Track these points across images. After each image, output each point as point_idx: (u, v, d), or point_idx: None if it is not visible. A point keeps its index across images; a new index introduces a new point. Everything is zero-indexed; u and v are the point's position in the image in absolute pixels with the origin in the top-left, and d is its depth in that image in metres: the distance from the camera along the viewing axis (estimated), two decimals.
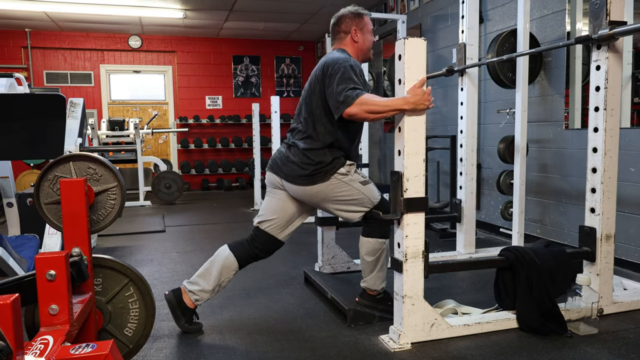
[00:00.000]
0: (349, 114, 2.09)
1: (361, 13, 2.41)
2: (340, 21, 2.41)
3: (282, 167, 2.32)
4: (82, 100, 3.87)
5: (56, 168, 1.68)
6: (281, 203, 2.36)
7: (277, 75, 9.15)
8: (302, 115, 2.34)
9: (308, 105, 2.31)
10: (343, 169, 2.26)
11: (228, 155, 8.97)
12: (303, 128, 2.31)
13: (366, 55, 2.45)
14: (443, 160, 5.00)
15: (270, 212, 2.37)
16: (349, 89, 2.10)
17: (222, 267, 2.31)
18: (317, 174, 2.23)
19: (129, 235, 4.68)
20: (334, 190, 2.26)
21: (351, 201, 2.28)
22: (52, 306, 1.31)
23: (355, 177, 2.29)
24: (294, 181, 2.27)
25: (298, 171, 2.25)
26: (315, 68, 2.35)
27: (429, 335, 2.14)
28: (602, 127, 2.32)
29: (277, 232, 2.36)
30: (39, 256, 1.29)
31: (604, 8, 2.25)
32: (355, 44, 2.39)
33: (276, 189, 2.39)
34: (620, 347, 2.07)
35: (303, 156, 2.25)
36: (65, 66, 8.14)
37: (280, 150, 2.39)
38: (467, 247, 3.55)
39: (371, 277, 2.41)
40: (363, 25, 2.40)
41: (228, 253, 2.34)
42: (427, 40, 5.44)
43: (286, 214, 2.36)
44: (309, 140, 2.27)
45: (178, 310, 2.29)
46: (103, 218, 1.73)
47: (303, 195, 2.30)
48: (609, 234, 2.38)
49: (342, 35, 2.40)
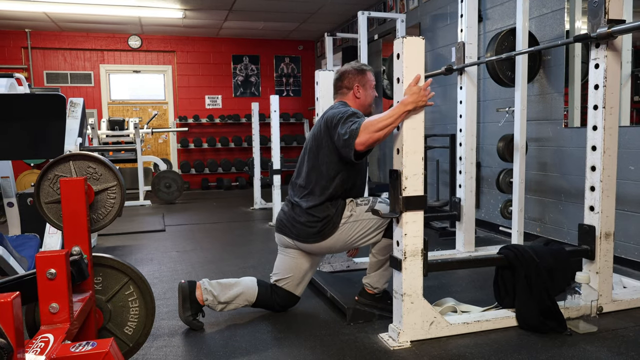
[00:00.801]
0: (361, 143, 2.10)
1: (364, 69, 2.48)
2: (343, 76, 2.48)
3: (291, 228, 2.39)
4: (82, 100, 3.88)
5: (56, 167, 1.68)
6: (295, 261, 2.45)
7: (276, 75, 9.16)
8: (304, 169, 2.40)
9: (311, 160, 2.37)
10: (346, 212, 2.34)
11: (228, 155, 8.98)
12: (304, 183, 2.38)
13: (367, 110, 2.50)
14: (442, 159, 5.01)
15: (285, 271, 2.46)
16: (351, 125, 2.15)
17: (242, 291, 2.39)
18: (326, 227, 2.31)
19: (128, 235, 4.68)
20: (348, 234, 2.35)
21: (368, 231, 2.35)
22: (52, 304, 1.32)
23: (359, 210, 2.35)
24: (307, 240, 2.36)
25: (307, 230, 2.33)
26: (318, 122, 2.43)
27: (428, 334, 2.14)
28: (601, 125, 2.32)
29: (293, 288, 2.46)
30: (39, 255, 1.30)
31: (603, 6, 2.25)
32: (357, 99, 2.47)
33: (288, 248, 2.47)
34: (619, 345, 2.07)
35: (308, 215, 2.32)
36: (65, 66, 8.15)
37: (284, 210, 2.47)
38: (466, 245, 3.55)
39: (376, 274, 2.43)
40: (366, 81, 2.47)
41: (255, 285, 2.43)
42: (426, 39, 5.45)
43: (301, 271, 2.45)
44: (310, 197, 2.34)
45: (188, 300, 2.32)
46: (103, 217, 1.74)
47: (320, 251, 2.41)
48: (609, 232, 2.38)
49: (345, 90, 2.48)
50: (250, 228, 5.05)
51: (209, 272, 3.35)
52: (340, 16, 7.38)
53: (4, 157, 3.60)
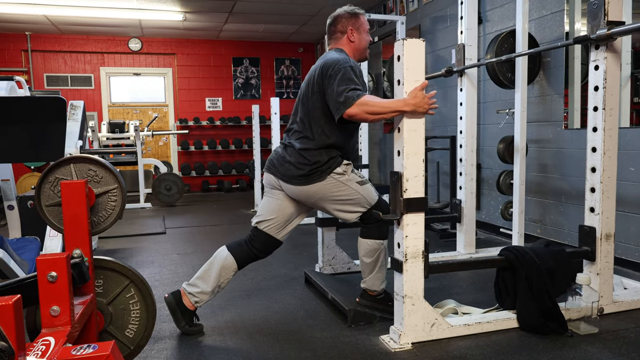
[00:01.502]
0: (349, 115, 2.09)
1: (357, 13, 2.42)
2: (336, 21, 2.42)
3: (279, 167, 2.33)
4: (83, 103, 3.88)
5: (57, 170, 1.68)
6: (279, 203, 2.37)
7: (276, 77, 9.17)
8: (299, 115, 2.35)
9: (305, 105, 2.31)
10: (339, 168, 2.27)
11: (228, 157, 8.98)
12: (299, 128, 2.32)
13: (363, 54, 2.46)
14: (443, 161, 5.01)
15: (269, 212, 2.38)
16: (350, 89, 2.10)
17: (220, 268, 2.31)
18: (313, 173, 2.24)
19: (129, 237, 4.68)
20: (330, 189, 2.26)
21: (348, 201, 2.28)
22: (53, 307, 1.31)
23: (352, 177, 2.29)
24: (291, 181, 2.28)
25: (294, 171, 2.26)
26: (313, 68, 2.35)
27: (430, 335, 2.14)
28: (601, 126, 2.32)
29: (275, 232, 2.37)
30: (40, 258, 1.30)
31: (602, 8, 2.25)
32: (352, 43, 2.40)
33: (274, 190, 2.40)
34: (620, 347, 2.07)
35: (299, 156, 2.26)
36: (66, 69, 8.16)
37: (277, 150, 2.40)
38: (467, 247, 3.55)
39: (370, 278, 2.42)
40: (359, 24, 2.41)
41: (227, 254, 2.34)
42: (427, 41, 5.46)
43: (284, 214, 2.37)
44: (305, 140, 2.27)
45: (178, 312, 2.29)
46: (104, 220, 1.74)
47: (300, 195, 2.31)
48: (609, 233, 2.38)
49: (339, 35, 2.42)
50: None
51: None
52: None
53: (4, 160, 3.61)
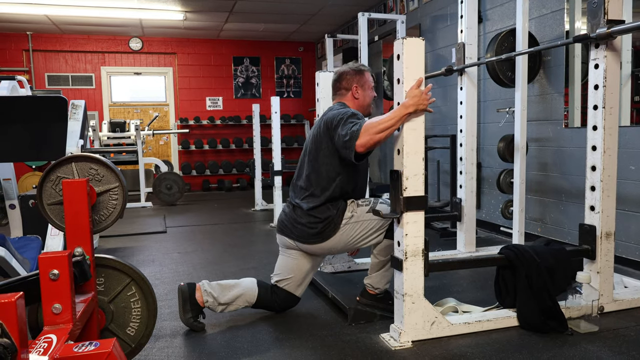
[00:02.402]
0: (360, 146, 2.11)
1: (362, 70, 2.49)
2: (341, 77, 2.49)
3: (293, 230, 2.40)
4: (84, 102, 3.88)
5: (59, 169, 1.69)
6: (296, 262, 2.45)
7: (277, 76, 9.17)
8: (305, 172, 2.41)
9: (311, 162, 2.38)
10: (347, 213, 2.35)
11: (229, 156, 8.99)
12: (305, 185, 2.39)
13: (366, 110, 2.52)
14: (443, 160, 5.01)
15: (286, 272, 2.46)
16: (352, 126, 2.15)
17: (242, 293, 2.39)
18: (327, 228, 2.32)
19: (130, 236, 4.69)
20: (349, 235, 2.35)
21: (369, 232, 2.36)
22: (55, 305, 1.32)
23: (360, 211, 2.36)
24: (308, 241, 2.36)
25: (308, 232, 2.34)
26: (317, 123, 2.44)
27: (430, 334, 2.15)
28: (601, 125, 2.32)
29: (294, 289, 2.46)
30: (42, 256, 1.30)
31: (602, 7, 2.26)
32: (356, 100, 2.48)
33: (289, 249, 2.47)
34: (621, 345, 2.08)
35: (309, 216, 2.33)
36: (67, 69, 8.17)
37: (285, 211, 2.48)
38: (467, 246, 3.55)
39: (377, 275, 2.44)
40: (364, 82, 2.48)
41: (255, 286, 2.43)
42: (427, 40, 5.47)
43: (302, 272, 2.46)
44: (311, 198, 2.34)
45: (189, 303, 2.33)
46: (105, 218, 1.75)
47: (321, 252, 2.42)
48: (609, 232, 2.39)
49: (344, 91, 2.49)
50: (251, 229, 5.05)
51: (210, 273, 3.36)
52: (340, 17, 7.39)
53: (5, 159, 3.61)
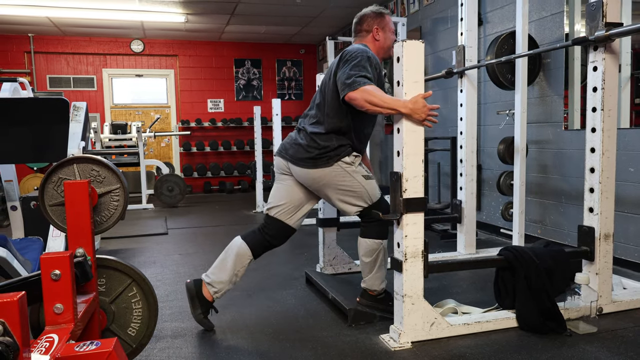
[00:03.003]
0: (350, 98, 2.14)
1: (383, 12, 2.50)
2: (362, 20, 2.49)
3: (289, 149, 2.38)
4: (85, 104, 3.91)
5: (60, 170, 1.71)
6: (289, 189, 2.42)
7: (278, 78, 9.19)
8: (316, 100, 2.42)
9: (323, 91, 2.38)
10: (348, 158, 2.31)
11: (230, 158, 9.01)
12: (314, 112, 2.39)
13: (387, 53, 2.51)
14: (444, 162, 5.02)
15: (279, 198, 2.43)
16: (359, 75, 2.14)
17: (235, 255, 2.36)
18: (321, 157, 2.28)
19: (132, 238, 4.71)
20: (335, 177, 2.30)
21: (351, 192, 2.32)
22: (57, 305, 1.34)
23: (359, 170, 2.33)
24: (298, 163, 2.33)
25: (303, 153, 2.31)
26: (335, 59, 2.40)
27: (429, 334, 2.16)
28: (600, 127, 2.34)
29: (286, 217, 2.41)
30: (44, 256, 1.32)
31: (601, 10, 2.27)
32: (377, 42, 2.47)
33: (283, 175, 2.45)
34: (619, 346, 2.08)
35: (310, 139, 2.31)
36: (68, 70, 8.20)
37: (291, 135, 2.46)
38: (467, 247, 3.56)
39: (370, 278, 2.44)
40: (385, 24, 2.48)
41: (241, 242, 2.40)
42: (427, 43, 5.48)
43: (294, 199, 2.41)
44: (317, 124, 2.33)
45: (196, 299, 2.33)
46: (106, 219, 1.76)
47: (305, 179, 2.35)
48: (608, 233, 2.39)
49: (364, 33, 2.49)
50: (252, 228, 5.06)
51: None
52: (341, 20, 7.41)
53: (8, 161, 3.64)
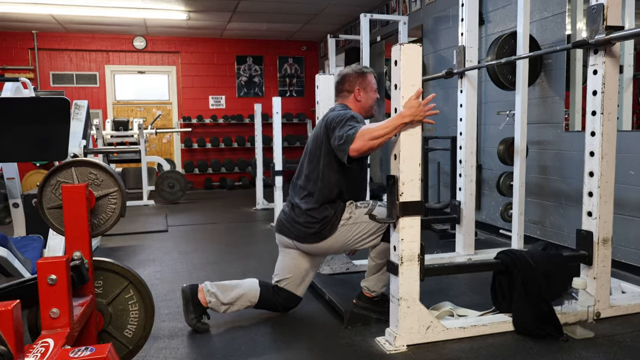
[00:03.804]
0: (354, 150, 2.15)
1: (365, 72, 2.51)
2: (344, 80, 2.51)
3: (291, 229, 2.42)
4: (87, 103, 3.91)
5: (59, 173, 1.72)
6: (294, 262, 2.47)
7: (280, 75, 9.19)
8: (304, 171, 2.44)
9: (311, 161, 2.40)
10: (345, 214, 2.36)
11: (231, 155, 9.02)
12: (304, 185, 2.41)
13: (369, 112, 2.55)
14: (444, 161, 5.02)
15: (286, 272, 2.48)
16: (348, 130, 2.18)
17: (244, 293, 2.41)
18: (324, 229, 2.34)
19: (132, 235, 4.72)
20: (346, 236, 2.37)
21: (366, 234, 2.37)
22: (52, 310, 1.35)
23: (359, 213, 2.37)
24: (305, 240, 2.38)
25: (306, 231, 2.36)
26: (319, 124, 2.45)
27: (425, 338, 2.16)
28: (599, 131, 2.33)
29: (294, 288, 2.48)
30: (40, 261, 1.33)
31: (601, 13, 2.26)
32: (359, 102, 2.50)
33: (287, 248, 2.49)
34: (616, 352, 2.08)
35: (307, 216, 2.35)
36: (71, 67, 8.21)
37: (285, 210, 2.49)
38: (466, 248, 3.56)
39: (373, 278, 2.45)
40: (366, 84, 2.50)
41: (256, 286, 2.45)
42: (429, 41, 5.47)
43: (300, 271, 2.47)
44: (309, 198, 2.36)
45: (191, 304, 2.35)
46: (104, 222, 1.77)
47: (318, 252, 2.44)
48: (606, 238, 2.39)
49: (346, 93, 2.51)
50: (252, 229, 5.08)
51: (210, 273, 3.39)
52: (343, 17, 7.39)
53: (10, 159, 3.65)
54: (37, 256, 3.09)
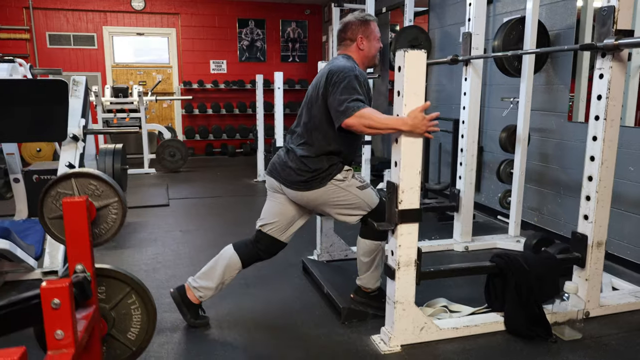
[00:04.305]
0: (347, 125, 2.11)
1: (368, 20, 2.40)
2: (346, 28, 2.41)
3: (281, 172, 2.37)
4: (85, 79, 3.85)
5: (59, 185, 1.72)
6: (281, 207, 2.43)
7: (282, 40, 8.99)
8: (303, 119, 2.37)
9: (309, 110, 2.33)
10: (340, 175, 2.30)
11: (232, 121, 8.96)
12: (301, 132, 2.35)
13: (371, 62, 2.46)
14: (445, 140, 4.99)
15: (271, 216, 2.44)
16: (352, 100, 2.11)
17: (226, 266, 2.40)
18: (313, 180, 2.28)
19: (133, 210, 4.72)
20: (331, 195, 2.31)
21: (348, 205, 2.33)
22: (57, 331, 1.38)
23: (353, 183, 2.33)
24: (292, 186, 2.33)
25: (295, 177, 2.30)
26: (320, 73, 2.36)
27: (419, 338, 2.23)
28: (601, 137, 2.31)
29: (278, 234, 2.43)
30: (43, 287, 1.35)
31: (612, 16, 2.19)
32: (361, 51, 2.40)
33: (276, 193, 2.45)
34: (601, 355, 2.16)
35: (300, 163, 2.29)
36: (68, 28, 8.02)
37: (279, 154, 2.43)
38: (463, 235, 3.61)
39: (366, 276, 2.50)
40: (370, 32, 2.40)
41: (232, 252, 2.43)
42: (435, 16, 5.33)
43: (286, 217, 2.42)
44: (306, 147, 2.30)
45: (183, 306, 2.40)
46: (105, 232, 1.79)
47: (300, 200, 2.36)
48: (601, 241, 2.42)
49: (348, 42, 2.41)
50: (253, 204, 5.11)
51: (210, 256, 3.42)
52: None
53: (10, 140, 3.66)
54: (39, 240, 3.15)
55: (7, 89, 3.20)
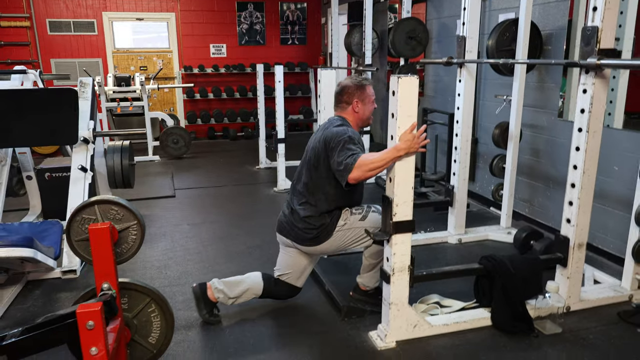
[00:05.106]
0: (353, 178, 2.32)
1: (364, 85, 2.60)
2: (343, 91, 2.61)
3: (290, 232, 2.63)
4: (92, 80, 3.98)
5: (84, 211, 1.90)
6: (294, 259, 2.70)
7: (281, 23, 8.99)
8: (303, 179, 2.60)
9: (310, 172, 2.56)
10: (340, 220, 2.56)
11: (233, 105, 9.05)
12: (303, 192, 2.59)
13: (365, 123, 2.67)
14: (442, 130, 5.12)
15: (286, 267, 2.72)
16: (347, 157, 2.32)
17: (249, 288, 2.67)
18: (321, 235, 2.55)
19: (141, 202, 4.87)
20: (340, 239, 2.58)
21: (360, 238, 2.59)
22: (92, 349, 1.59)
23: (353, 220, 2.57)
24: (304, 243, 2.60)
25: (304, 235, 2.57)
26: (317, 137, 2.57)
27: (412, 334, 2.45)
28: (584, 148, 2.47)
29: (294, 281, 2.73)
30: (79, 311, 1.55)
31: (595, 35, 2.32)
32: (356, 114, 2.61)
33: (287, 247, 2.71)
34: (578, 349, 2.37)
35: (305, 223, 2.55)
36: (68, 14, 8.03)
37: (284, 212, 2.68)
38: (457, 228, 3.80)
39: (367, 275, 2.72)
40: (365, 96, 2.60)
41: (260, 280, 2.70)
42: (433, 7, 5.38)
43: (299, 267, 2.71)
44: (308, 206, 2.55)
45: (202, 301, 2.64)
46: (127, 250, 1.98)
47: (314, 252, 2.67)
48: (581, 243, 2.61)
49: (344, 105, 2.62)
50: (256, 194, 5.29)
51: (219, 251, 3.65)
52: None
53: (24, 144, 3.84)
54: (57, 241, 3.34)
55: (21, 98, 3.35)
